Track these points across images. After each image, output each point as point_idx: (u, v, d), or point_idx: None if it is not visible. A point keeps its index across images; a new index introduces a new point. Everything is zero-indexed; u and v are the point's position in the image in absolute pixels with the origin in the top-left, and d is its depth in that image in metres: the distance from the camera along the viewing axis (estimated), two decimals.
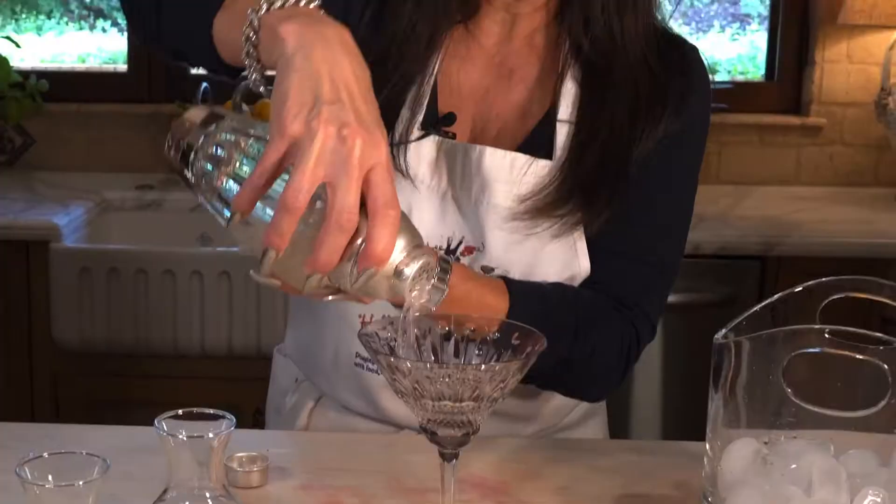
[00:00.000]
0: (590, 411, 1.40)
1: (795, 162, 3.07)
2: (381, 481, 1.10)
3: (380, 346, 0.91)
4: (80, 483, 0.77)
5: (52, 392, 2.57)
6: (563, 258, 1.20)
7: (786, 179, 3.07)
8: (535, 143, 1.21)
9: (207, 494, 0.85)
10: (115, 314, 2.51)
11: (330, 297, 0.88)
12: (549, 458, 1.17)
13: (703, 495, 0.98)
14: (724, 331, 0.97)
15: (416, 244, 0.86)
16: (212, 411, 0.87)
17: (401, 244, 0.84)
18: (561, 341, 1.15)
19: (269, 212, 0.85)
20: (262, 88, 0.97)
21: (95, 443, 1.18)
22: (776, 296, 1.00)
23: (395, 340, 0.91)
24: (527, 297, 1.15)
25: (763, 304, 0.99)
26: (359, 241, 0.83)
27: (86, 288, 2.51)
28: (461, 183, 1.20)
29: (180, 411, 0.87)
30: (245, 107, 2.81)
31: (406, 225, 0.85)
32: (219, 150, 0.90)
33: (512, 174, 1.19)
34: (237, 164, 0.89)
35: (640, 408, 2.61)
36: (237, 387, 2.46)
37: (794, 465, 0.94)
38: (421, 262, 0.85)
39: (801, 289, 1.00)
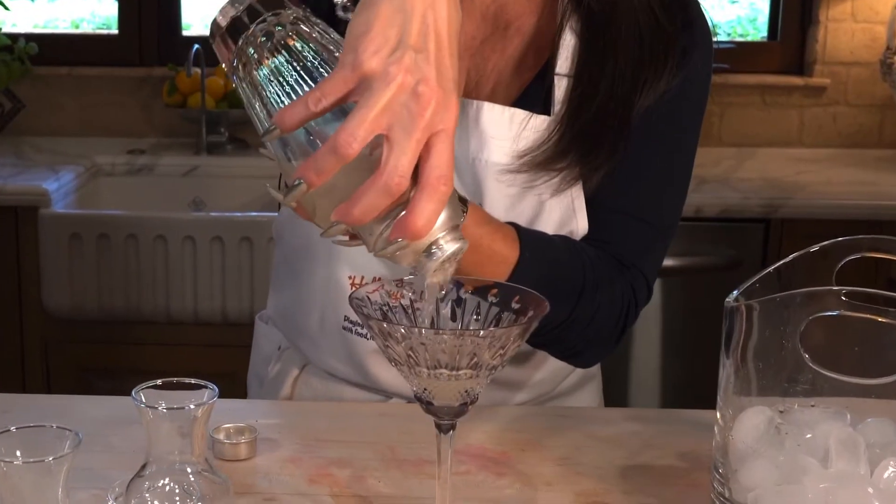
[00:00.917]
0: (584, 378, 1.35)
1: (798, 123, 3.02)
2: (374, 452, 1.06)
3: (372, 310, 0.86)
4: (50, 459, 0.72)
5: (42, 360, 2.53)
6: (561, 216, 1.16)
7: (789, 141, 3.02)
8: (531, 98, 1.16)
9: (189, 469, 0.81)
10: (106, 281, 2.47)
11: (340, 241, 0.83)
12: (549, 428, 1.12)
13: (714, 466, 0.93)
14: (735, 293, 0.92)
15: (455, 224, 0.80)
16: (193, 381, 0.82)
17: (440, 221, 0.78)
18: (565, 301, 1.11)
19: (314, 139, 0.78)
20: (348, 15, 0.89)
21: (80, 413, 1.13)
22: (790, 256, 0.94)
23: (388, 306, 0.87)
24: (537, 250, 1.10)
25: (776, 265, 0.94)
26: (399, 206, 0.77)
27: (76, 254, 2.46)
28: (458, 140, 1.14)
29: (159, 381, 0.82)
30: None
31: (451, 201, 0.79)
32: (270, 43, 0.81)
33: (511, 130, 1.14)
34: (289, 69, 0.81)
35: (639, 374, 2.57)
36: (231, 354, 2.42)
37: (809, 435, 0.90)
38: (455, 247, 0.80)
39: (816, 249, 0.95)
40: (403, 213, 0.77)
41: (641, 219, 1.18)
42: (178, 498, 0.80)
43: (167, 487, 0.80)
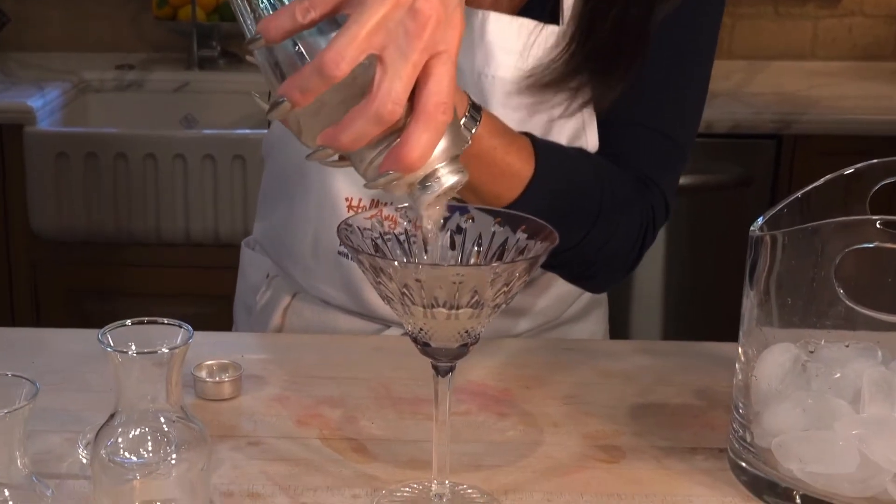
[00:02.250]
0: (591, 304, 1.28)
1: (812, 34, 2.91)
2: (368, 390, 0.98)
3: (362, 242, 0.78)
4: (4, 412, 0.65)
5: (30, 282, 2.46)
6: (570, 135, 1.08)
7: (802, 53, 2.92)
8: (536, 7, 1.07)
9: (162, 419, 0.73)
10: (94, 201, 2.40)
11: (328, 162, 0.75)
12: (555, 363, 1.05)
13: (735, 407, 0.86)
14: (760, 221, 0.84)
15: (455, 155, 0.73)
16: (166, 321, 0.75)
17: (438, 151, 0.71)
18: (582, 219, 1.03)
19: (301, 52, 0.71)
20: None
21: (57, 348, 1.06)
22: (820, 180, 0.86)
23: (381, 236, 0.79)
24: (554, 165, 1.01)
25: (805, 189, 0.86)
26: (393, 133, 0.70)
27: (63, 174, 2.39)
28: (463, 54, 1.05)
29: (128, 322, 0.74)
30: None
31: (452, 129, 0.72)
32: None
33: (518, 42, 1.05)
34: None
35: (641, 298, 2.50)
36: (224, 275, 2.34)
37: (838, 374, 0.83)
38: (453, 181, 0.72)
39: (850, 171, 0.86)
40: (397, 142, 0.70)
41: (659, 131, 1.10)
42: (150, 447, 0.73)
43: (139, 437, 0.73)
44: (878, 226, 0.80)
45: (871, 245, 0.78)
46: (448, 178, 0.73)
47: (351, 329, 1.18)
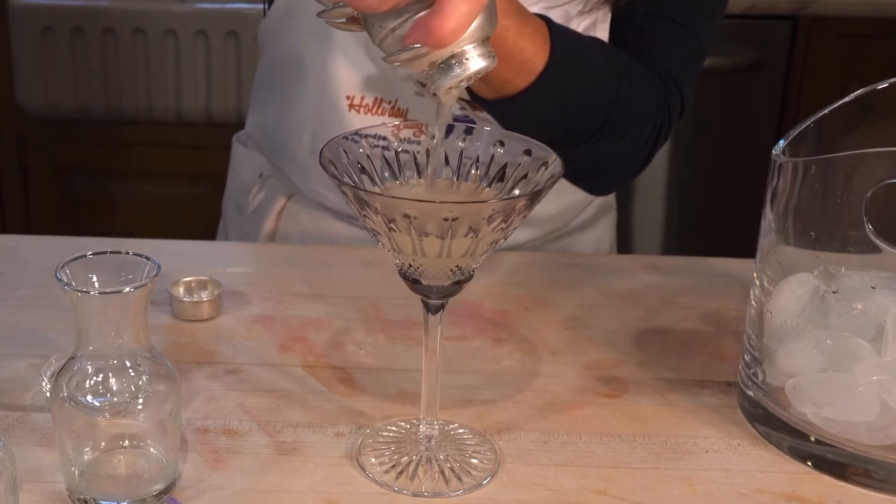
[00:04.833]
0: (600, 210, 1.21)
1: None
2: (357, 311, 0.93)
3: (348, 164, 0.71)
4: None
5: (19, 162, 2.40)
6: (583, 32, 1.00)
7: None
8: None
9: (127, 360, 0.68)
10: (83, 78, 2.31)
11: (336, 24, 0.68)
12: (557, 281, 0.99)
13: (746, 340, 0.80)
14: (782, 143, 0.77)
15: (487, 36, 0.65)
16: (131, 252, 0.68)
17: (471, 28, 0.64)
18: (594, 117, 0.96)
19: None
20: None
21: (26, 257, 1.00)
22: (851, 95, 0.79)
23: (367, 157, 0.72)
24: (570, 55, 0.92)
25: (835, 105, 0.79)
26: (421, 1, 0.63)
27: (49, 49, 2.30)
28: None
29: (89, 253, 0.68)
30: None
31: (489, 6, 0.64)
32: None
33: None
34: None
35: (646, 192, 2.42)
36: (216, 156, 2.27)
37: (858, 308, 0.77)
38: (481, 65, 0.65)
39: (885, 85, 0.79)
40: (425, 12, 0.62)
41: (680, 23, 1.02)
42: (115, 389, 0.68)
43: (103, 378, 0.68)
44: None
45: None
46: (477, 61, 0.65)
47: (347, 237, 1.12)
